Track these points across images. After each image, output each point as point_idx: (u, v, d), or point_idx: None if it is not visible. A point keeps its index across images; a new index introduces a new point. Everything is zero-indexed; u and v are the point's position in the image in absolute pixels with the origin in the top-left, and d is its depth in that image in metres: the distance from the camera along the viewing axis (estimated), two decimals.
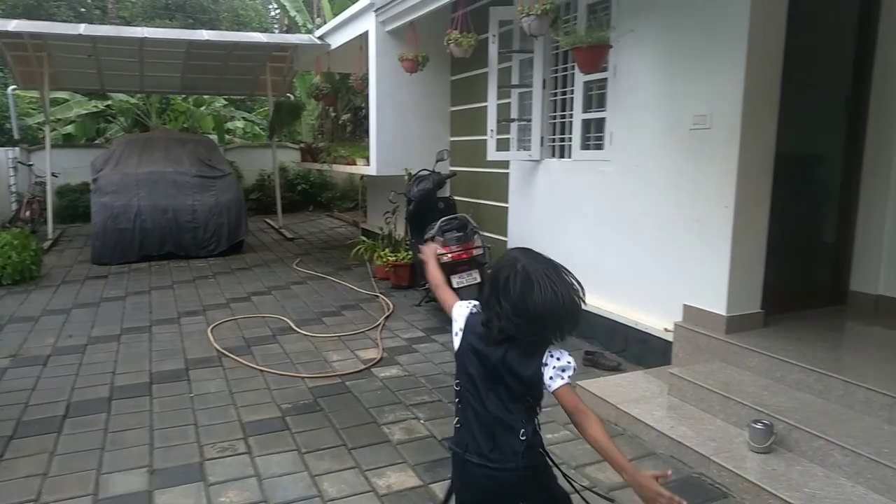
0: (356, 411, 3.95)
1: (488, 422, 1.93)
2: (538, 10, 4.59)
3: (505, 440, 1.92)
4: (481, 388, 1.94)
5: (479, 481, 1.97)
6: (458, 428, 2.01)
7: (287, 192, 13.88)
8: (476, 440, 1.94)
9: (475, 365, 1.95)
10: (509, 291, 1.85)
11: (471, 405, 1.96)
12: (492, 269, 1.98)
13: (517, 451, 1.91)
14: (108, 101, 14.99)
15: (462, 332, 2.00)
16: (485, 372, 1.93)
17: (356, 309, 6.36)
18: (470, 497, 2.04)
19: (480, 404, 1.94)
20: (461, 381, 2.00)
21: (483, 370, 1.93)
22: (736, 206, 3.88)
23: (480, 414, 1.94)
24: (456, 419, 2.02)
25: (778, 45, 3.86)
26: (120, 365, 4.79)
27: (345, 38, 8.67)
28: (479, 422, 1.94)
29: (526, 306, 1.83)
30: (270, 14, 28.67)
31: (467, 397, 1.97)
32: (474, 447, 1.94)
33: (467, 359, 1.97)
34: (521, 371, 1.89)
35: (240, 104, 17.72)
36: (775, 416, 3.13)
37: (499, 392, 1.93)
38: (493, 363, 1.91)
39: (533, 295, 1.82)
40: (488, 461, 1.92)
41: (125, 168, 9.34)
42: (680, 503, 1.75)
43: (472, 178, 7.08)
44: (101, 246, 8.62)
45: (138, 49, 10.13)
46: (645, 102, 4.56)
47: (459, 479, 2.05)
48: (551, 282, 1.84)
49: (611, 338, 4.91)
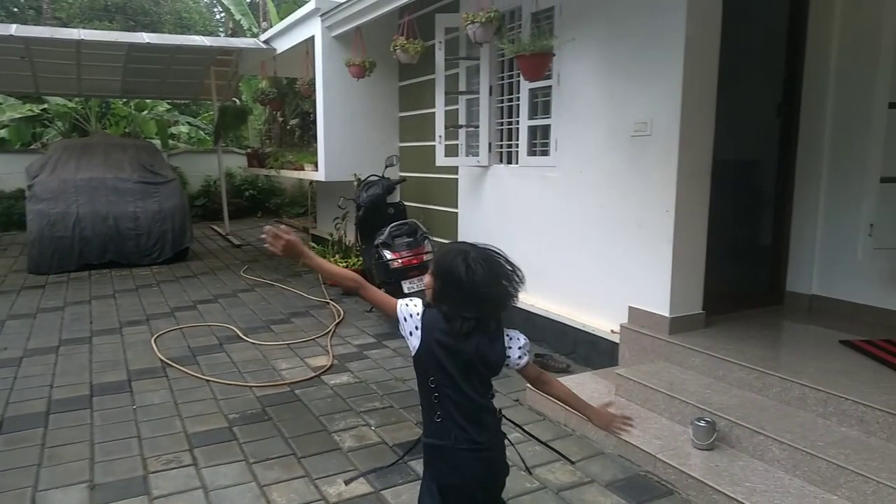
0: (306, 419, 3.90)
1: (473, 409, 1.99)
2: (482, 18, 4.65)
3: (489, 422, 2.04)
4: (458, 379, 1.97)
5: (475, 467, 2.02)
6: (438, 422, 2.01)
7: (234, 198, 13.63)
8: (464, 429, 1.98)
9: (446, 359, 1.96)
10: (473, 281, 1.90)
11: (449, 397, 1.98)
12: (439, 265, 2.00)
13: (498, 427, 2.08)
14: (45, 105, 14.41)
15: (420, 329, 1.98)
16: (458, 364, 1.96)
17: (306, 316, 6.28)
18: (460, 486, 2.05)
19: (461, 395, 1.98)
20: (435, 377, 1.99)
21: (456, 363, 1.96)
22: (676, 210, 4.00)
23: (462, 404, 1.98)
24: (437, 413, 2.00)
25: (713, 54, 4.00)
26: (58, 378, 4.60)
27: (291, 42, 8.59)
28: (462, 412, 1.98)
29: (489, 291, 1.93)
30: (216, 17, 28.16)
31: (444, 391, 1.98)
32: (463, 436, 1.98)
33: (435, 354, 1.98)
34: (491, 357, 1.99)
35: (184, 108, 17.30)
36: (717, 413, 3.23)
37: (473, 380, 1.99)
38: (468, 356, 1.96)
39: (495, 278, 1.94)
40: (481, 445, 1.99)
41: (63, 174, 9.00)
42: (629, 419, 2.21)
43: (422, 183, 7.10)
44: (38, 255, 8.28)
45: (75, 51, 9.77)
46: (588, 110, 4.66)
47: (453, 472, 2.04)
48: (501, 262, 2.00)
49: (560, 340, 4.99)
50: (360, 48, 6.80)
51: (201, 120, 17.20)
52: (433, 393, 2.00)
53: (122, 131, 14.99)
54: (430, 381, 1.99)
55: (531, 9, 4.80)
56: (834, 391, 3.12)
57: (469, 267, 1.92)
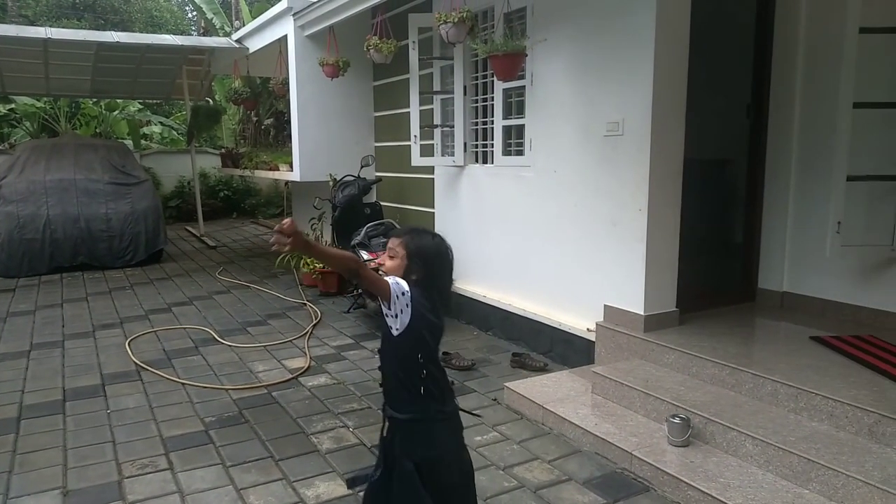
0: (283, 422, 3.88)
1: (445, 380, 2.20)
2: (455, 18, 4.66)
3: (448, 390, 2.23)
4: (436, 353, 2.16)
5: (448, 438, 2.20)
6: (421, 396, 2.10)
7: (209, 199, 13.49)
8: (440, 400, 2.14)
9: (430, 335, 2.09)
10: (448, 256, 2.15)
11: (432, 372, 2.12)
12: (417, 245, 2.11)
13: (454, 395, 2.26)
14: (12, 105, 14.10)
15: (410, 307, 2.01)
16: (437, 338, 2.13)
17: (283, 318, 6.24)
18: (437, 458, 2.15)
19: (439, 368, 2.17)
20: (423, 353, 2.08)
21: (435, 337, 2.12)
22: (649, 209, 4.05)
23: (439, 377, 2.16)
24: (420, 389, 2.09)
25: (682, 54, 4.06)
26: (30, 382, 4.52)
27: (263, 41, 8.51)
28: (440, 384, 2.15)
29: (450, 273, 2.18)
30: (187, 16, 27.79)
31: (429, 366, 2.11)
32: (439, 407, 2.14)
33: (422, 331, 2.05)
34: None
35: (156, 108, 17.05)
36: (692, 410, 3.28)
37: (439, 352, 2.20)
38: (441, 330, 2.15)
39: (451, 260, 2.18)
40: (449, 414, 2.19)
41: (32, 175, 8.83)
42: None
43: (398, 183, 7.10)
44: (7, 258, 8.12)
45: (42, 50, 9.58)
46: (561, 110, 4.70)
47: (428, 445, 2.13)
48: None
49: (536, 339, 5.03)
50: (334, 47, 6.77)
51: (174, 120, 16.97)
52: (421, 369, 2.07)
53: (93, 131, 14.73)
54: (419, 357, 2.07)
55: (503, 9, 4.82)
56: (805, 387, 3.19)
57: (443, 241, 2.16)
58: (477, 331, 5.69)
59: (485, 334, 5.59)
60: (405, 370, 2.10)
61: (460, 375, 4.56)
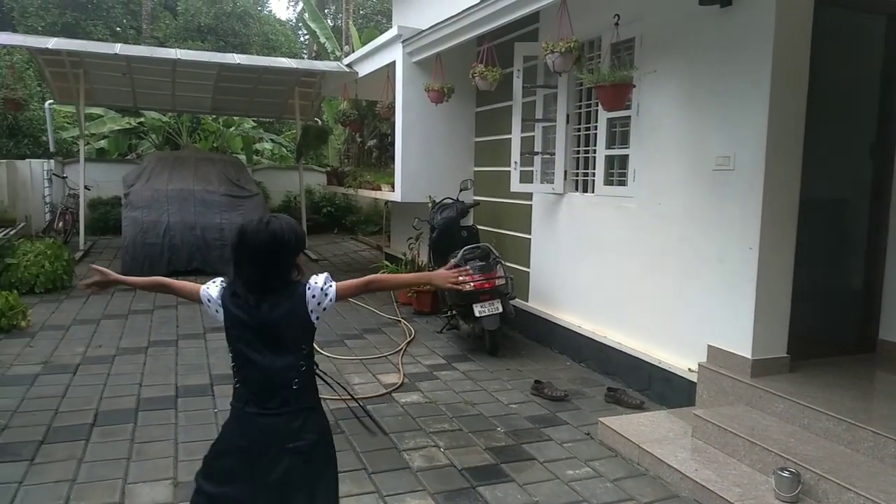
0: (377, 436, 3.97)
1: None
2: (562, 48, 4.70)
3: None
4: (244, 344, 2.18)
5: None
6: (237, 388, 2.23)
7: (313, 214, 14.03)
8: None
9: (239, 330, 2.16)
10: (244, 251, 2.14)
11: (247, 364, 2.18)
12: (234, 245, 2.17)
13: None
14: (141, 119, 15.34)
15: (223, 306, 2.17)
16: (244, 333, 2.16)
17: (378, 333, 6.41)
18: (247, 446, 2.21)
19: (249, 364, 2.19)
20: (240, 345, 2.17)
21: (242, 332, 2.16)
22: (761, 248, 3.90)
23: (249, 374, 2.20)
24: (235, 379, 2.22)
25: (801, 89, 3.92)
26: (147, 377, 4.87)
27: (372, 66, 8.86)
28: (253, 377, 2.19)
29: (253, 258, 2.15)
30: (300, 39, 29.32)
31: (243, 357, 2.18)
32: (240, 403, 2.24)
33: (231, 329, 2.18)
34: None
35: (268, 126, 18.03)
36: (802, 464, 3.10)
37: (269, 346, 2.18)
38: (245, 323, 2.15)
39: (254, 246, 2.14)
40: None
41: (156, 184, 9.55)
42: (466, 270, 2.50)
43: (495, 208, 7.16)
44: (131, 259, 8.78)
45: (171, 69, 10.40)
46: (668, 141, 4.62)
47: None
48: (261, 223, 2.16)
49: (633, 375, 4.90)
50: (440, 74, 6.96)
51: (284, 138, 17.88)
52: (232, 362, 2.23)
53: (211, 146, 15.76)
54: (229, 350, 2.24)
55: (611, 39, 4.81)
56: None
57: (244, 230, 2.16)
58: (570, 361, 5.62)
59: (578, 365, 5.51)
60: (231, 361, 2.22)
61: (552, 406, 4.52)
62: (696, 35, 4.35)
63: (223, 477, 2.21)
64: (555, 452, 3.80)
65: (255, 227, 2.12)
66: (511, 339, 6.26)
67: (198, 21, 21.87)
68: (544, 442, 3.94)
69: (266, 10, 28.74)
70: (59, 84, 10.88)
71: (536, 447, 3.85)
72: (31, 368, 4.97)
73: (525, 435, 4.03)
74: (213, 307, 2.19)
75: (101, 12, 21.08)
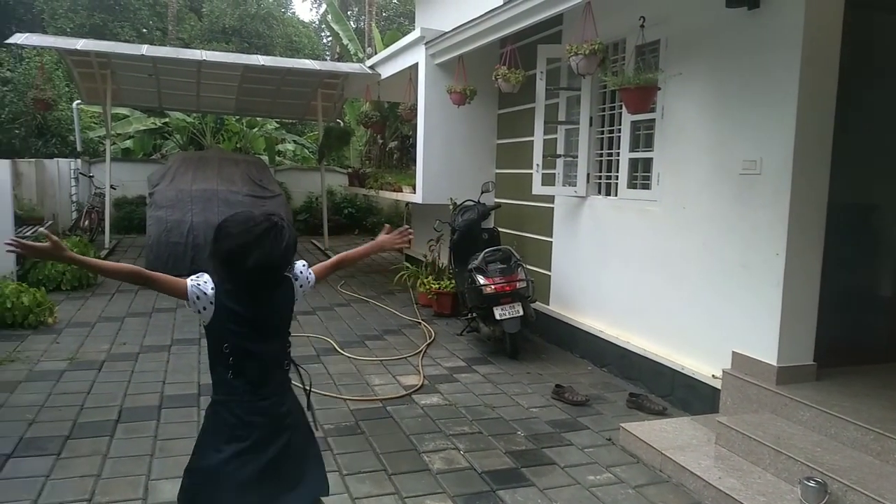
0: (397, 437, 3.98)
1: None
2: (586, 50, 4.67)
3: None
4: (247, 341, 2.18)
5: None
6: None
7: (334, 215, 14.12)
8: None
9: (238, 325, 2.15)
10: (232, 251, 2.09)
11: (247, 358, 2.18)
12: (211, 249, 2.15)
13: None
14: (166, 119, 15.55)
15: (215, 303, 2.12)
16: (244, 329, 2.17)
17: (398, 334, 6.42)
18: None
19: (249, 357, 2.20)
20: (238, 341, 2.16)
21: (242, 328, 2.16)
22: (787, 253, 3.84)
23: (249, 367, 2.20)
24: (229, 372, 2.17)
25: (830, 92, 3.85)
26: (170, 375, 4.92)
27: (395, 68, 8.88)
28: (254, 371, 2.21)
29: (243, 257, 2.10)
30: (323, 41, 29.53)
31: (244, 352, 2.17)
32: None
33: (228, 324, 2.14)
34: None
35: (290, 127, 18.19)
36: (829, 474, 3.04)
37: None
38: (246, 318, 2.16)
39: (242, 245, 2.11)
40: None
41: (180, 184, 9.65)
42: (407, 229, 2.62)
43: (517, 210, 7.14)
44: (155, 258, 8.88)
45: (196, 70, 10.52)
46: (693, 145, 4.57)
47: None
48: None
49: (656, 381, 4.85)
50: (462, 76, 6.96)
51: (306, 139, 18.03)
52: (227, 358, 2.18)
53: (234, 146, 15.93)
54: (224, 347, 2.18)
55: (636, 41, 4.77)
56: None
57: (225, 231, 2.12)
58: (591, 366, 5.58)
59: (599, 370, 5.47)
60: (214, 356, 2.20)
61: (573, 410, 4.49)
62: (723, 37, 4.30)
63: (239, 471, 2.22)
64: (576, 457, 3.77)
65: (271, 237, 2.07)
66: (531, 342, 6.23)
67: (222, 23, 22.15)
68: (565, 447, 3.91)
69: (289, 12, 29.00)
70: (87, 84, 11.08)
71: (557, 452, 3.83)
72: (57, 364, 5.05)
73: (545, 439, 4.01)
74: (200, 304, 2.12)
75: (128, 14, 21.41)
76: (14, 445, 3.64)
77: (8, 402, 4.28)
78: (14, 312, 5.95)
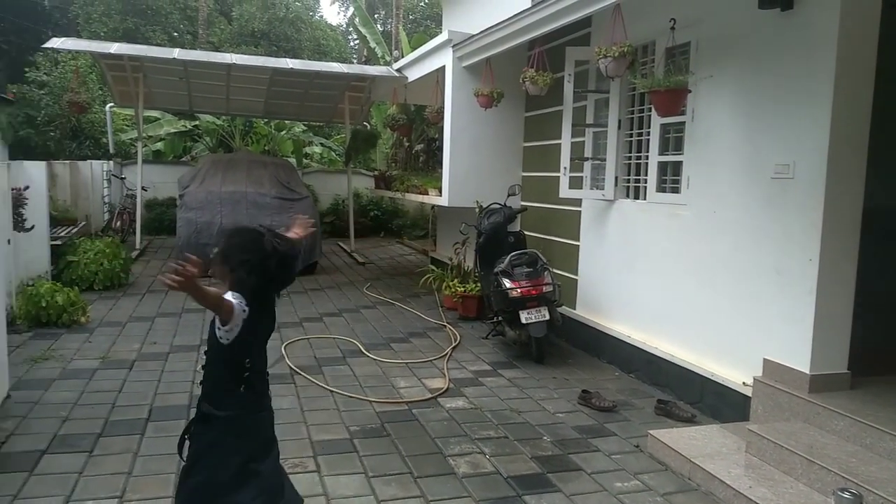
0: (422, 440, 3.98)
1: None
2: (615, 53, 4.63)
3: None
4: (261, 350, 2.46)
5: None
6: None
7: (360, 218, 14.20)
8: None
9: (255, 338, 2.36)
10: (255, 262, 2.29)
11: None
12: (230, 262, 2.27)
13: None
14: (196, 122, 15.80)
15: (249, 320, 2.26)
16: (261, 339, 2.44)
17: (424, 337, 6.43)
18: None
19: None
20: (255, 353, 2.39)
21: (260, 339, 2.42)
22: (821, 259, 3.77)
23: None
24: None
25: (866, 94, 3.77)
26: (199, 375, 4.97)
27: (422, 71, 8.90)
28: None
29: (262, 268, 2.32)
30: (350, 44, 29.74)
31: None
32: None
33: (249, 338, 2.30)
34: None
35: (318, 130, 18.34)
36: (864, 486, 2.97)
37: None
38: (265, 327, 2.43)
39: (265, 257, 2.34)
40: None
41: (210, 186, 9.79)
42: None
43: (543, 213, 7.10)
44: (184, 259, 9.00)
45: (226, 74, 10.69)
46: (724, 148, 4.51)
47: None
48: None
49: (685, 387, 4.79)
50: (490, 79, 6.95)
51: (333, 142, 18.18)
52: (245, 372, 2.37)
53: (263, 149, 16.12)
54: (245, 362, 2.39)
55: (667, 43, 4.72)
56: None
57: (242, 243, 2.36)
58: (619, 371, 5.53)
59: (627, 376, 5.41)
60: (230, 373, 2.31)
61: (600, 416, 4.45)
62: (756, 39, 4.23)
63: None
64: (603, 464, 3.73)
65: (244, 241, 2.31)
66: (557, 346, 6.19)
67: (251, 26, 22.41)
68: (592, 453, 3.88)
69: (317, 16, 29.26)
70: (120, 87, 11.31)
71: (584, 458, 3.80)
72: (90, 363, 5.15)
73: (572, 445, 3.98)
74: (235, 321, 2.26)
75: (159, 18, 21.77)
76: (49, 442, 3.72)
77: (42, 399, 4.37)
78: (49, 311, 6.09)
